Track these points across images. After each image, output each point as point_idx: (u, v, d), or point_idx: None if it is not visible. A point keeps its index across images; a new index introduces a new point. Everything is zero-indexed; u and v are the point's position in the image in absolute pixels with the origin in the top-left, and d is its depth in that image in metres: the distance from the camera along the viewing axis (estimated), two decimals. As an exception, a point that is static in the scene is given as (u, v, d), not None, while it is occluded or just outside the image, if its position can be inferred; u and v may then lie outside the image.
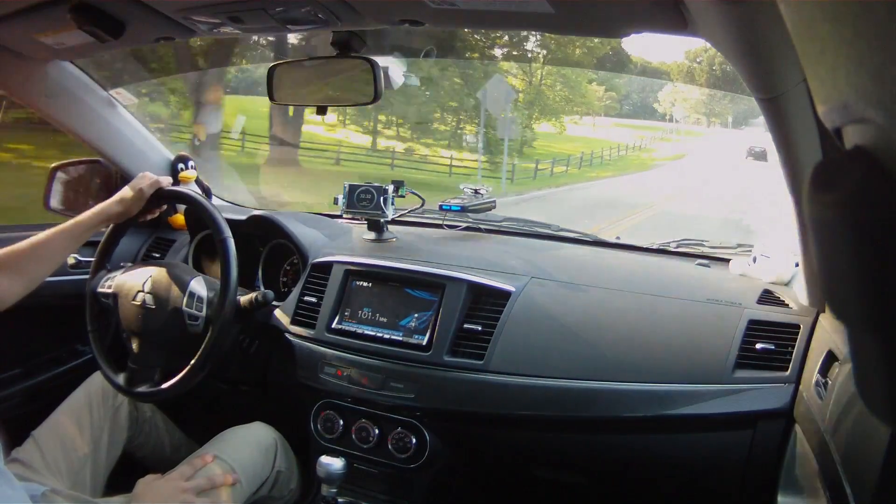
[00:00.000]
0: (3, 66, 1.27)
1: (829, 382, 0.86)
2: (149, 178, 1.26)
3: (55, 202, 1.58)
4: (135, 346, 1.28)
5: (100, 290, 1.32)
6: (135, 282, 1.29)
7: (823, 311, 1.08)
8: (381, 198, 1.49)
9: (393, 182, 1.52)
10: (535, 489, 1.36)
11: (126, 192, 1.24)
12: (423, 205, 1.63)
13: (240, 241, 1.26)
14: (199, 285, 1.26)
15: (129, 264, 1.38)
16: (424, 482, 1.29)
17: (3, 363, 1.45)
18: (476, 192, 1.59)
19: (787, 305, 1.15)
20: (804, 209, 0.28)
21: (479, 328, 1.20)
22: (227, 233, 1.23)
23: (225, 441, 1.25)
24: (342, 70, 1.19)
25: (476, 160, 14.84)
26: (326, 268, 1.38)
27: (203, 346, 1.20)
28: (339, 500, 1.24)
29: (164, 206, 1.40)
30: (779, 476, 1.00)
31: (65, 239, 1.17)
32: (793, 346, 1.06)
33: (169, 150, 1.70)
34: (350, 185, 1.53)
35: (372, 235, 1.52)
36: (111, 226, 1.31)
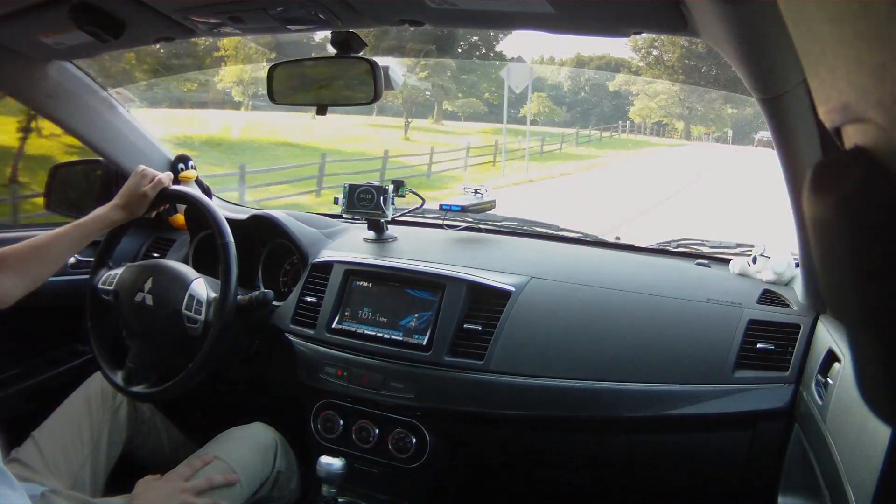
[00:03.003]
0: (3, 66, 1.27)
1: (829, 382, 0.86)
2: (148, 176, 1.25)
3: (56, 202, 1.58)
4: (133, 344, 1.28)
5: (101, 286, 1.32)
6: (136, 281, 1.29)
7: (823, 311, 1.08)
8: (381, 198, 1.49)
9: (393, 182, 1.52)
10: (534, 489, 1.36)
11: (128, 194, 1.23)
12: (422, 205, 1.63)
13: (240, 241, 1.25)
14: (199, 288, 1.26)
15: (132, 263, 1.38)
16: (424, 482, 1.29)
17: (3, 363, 1.45)
18: (476, 192, 1.59)
19: (787, 305, 1.15)
20: (804, 209, 0.28)
21: (480, 328, 1.20)
22: (230, 237, 1.23)
23: (225, 441, 1.25)
24: (342, 70, 1.19)
25: None
26: (326, 268, 1.38)
27: (201, 350, 1.20)
28: (339, 500, 1.24)
29: (167, 205, 1.40)
30: (779, 476, 1.00)
31: (67, 242, 1.17)
32: (793, 346, 1.05)
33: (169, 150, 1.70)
34: (350, 185, 1.53)
35: (372, 235, 1.52)
36: None
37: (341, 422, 1.30)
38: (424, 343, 1.23)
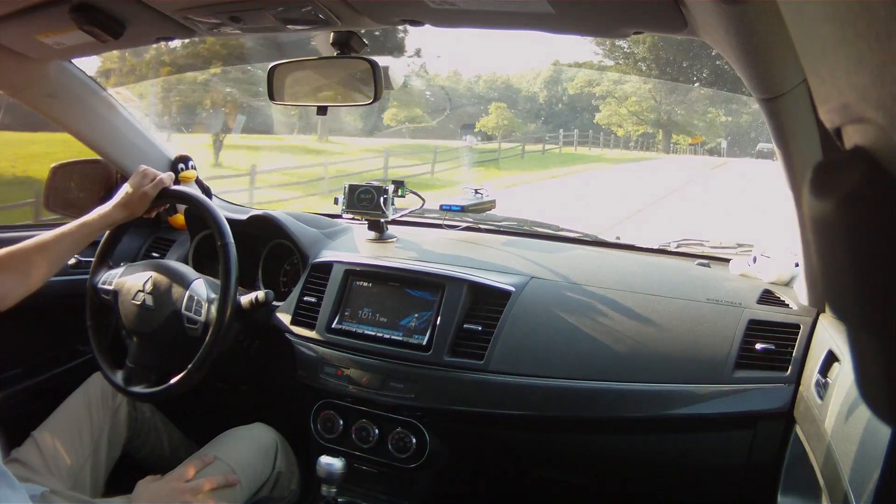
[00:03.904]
0: (3, 66, 1.27)
1: (830, 383, 0.86)
2: (150, 175, 1.25)
3: (56, 202, 1.58)
4: (133, 344, 1.28)
5: (101, 286, 1.32)
6: (136, 281, 1.29)
7: (823, 311, 1.08)
8: (382, 198, 1.49)
9: (393, 182, 1.52)
10: (534, 489, 1.36)
11: (129, 193, 1.23)
12: (423, 205, 1.63)
13: (240, 241, 1.25)
14: (199, 288, 1.26)
15: (132, 263, 1.38)
16: (424, 482, 1.29)
17: (3, 363, 1.45)
18: (476, 191, 1.59)
19: (787, 305, 1.15)
20: (804, 209, 0.28)
21: (480, 328, 1.20)
22: (230, 238, 1.23)
23: (225, 442, 1.25)
24: (342, 70, 1.19)
25: None
26: (326, 268, 1.38)
27: (201, 351, 1.19)
28: (339, 500, 1.24)
29: (167, 205, 1.40)
30: (779, 476, 1.00)
31: (70, 241, 1.17)
32: (793, 347, 1.05)
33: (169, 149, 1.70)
34: (350, 186, 1.53)
35: (372, 235, 1.52)
36: None
37: (341, 422, 1.30)
38: (424, 343, 1.23)
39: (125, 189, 1.24)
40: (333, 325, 1.31)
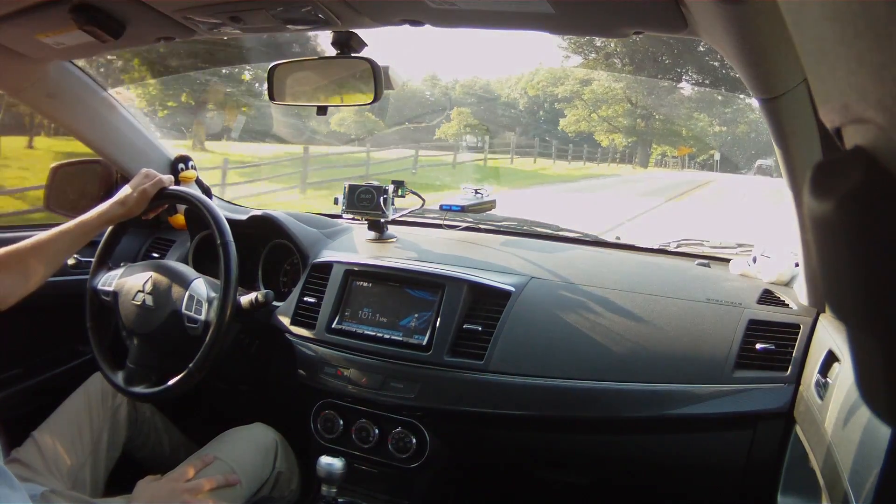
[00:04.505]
0: (3, 66, 1.27)
1: (830, 383, 0.86)
2: (151, 176, 1.25)
3: (56, 202, 1.58)
4: (133, 345, 1.28)
5: (100, 287, 1.32)
6: (135, 281, 1.29)
7: (823, 312, 1.08)
8: (382, 198, 1.49)
9: (393, 182, 1.53)
10: (534, 489, 1.36)
11: (129, 192, 1.23)
12: (423, 205, 1.64)
13: (240, 242, 1.25)
14: (199, 288, 1.26)
15: (131, 264, 1.38)
16: (424, 482, 1.29)
17: (3, 363, 1.45)
18: (476, 191, 1.59)
19: (787, 305, 1.15)
20: (804, 209, 0.28)
21: (480, 328, 1.20)
22: (229, 237, 1.23)
23: (225, 442, 1.25)
24: (342, 70, 1.19)
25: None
26: (326, 268, 1.38)
27: (201, 350, 1.19)
28: (339, 500, 1.24)
29: (166, 205, 1.40)
30: (779, 476, 1.00)
31: (68, 240, 1.17)
32: (793, 347, 1.05)
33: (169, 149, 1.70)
34: (350, 186, 1.53)
35: (372, 235, 1.52)
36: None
37: (341, 422, 1.30)
38: (424, 343, 1.23)
39: (125, 188, 1.24)
40: (333, 326, 1.31)
